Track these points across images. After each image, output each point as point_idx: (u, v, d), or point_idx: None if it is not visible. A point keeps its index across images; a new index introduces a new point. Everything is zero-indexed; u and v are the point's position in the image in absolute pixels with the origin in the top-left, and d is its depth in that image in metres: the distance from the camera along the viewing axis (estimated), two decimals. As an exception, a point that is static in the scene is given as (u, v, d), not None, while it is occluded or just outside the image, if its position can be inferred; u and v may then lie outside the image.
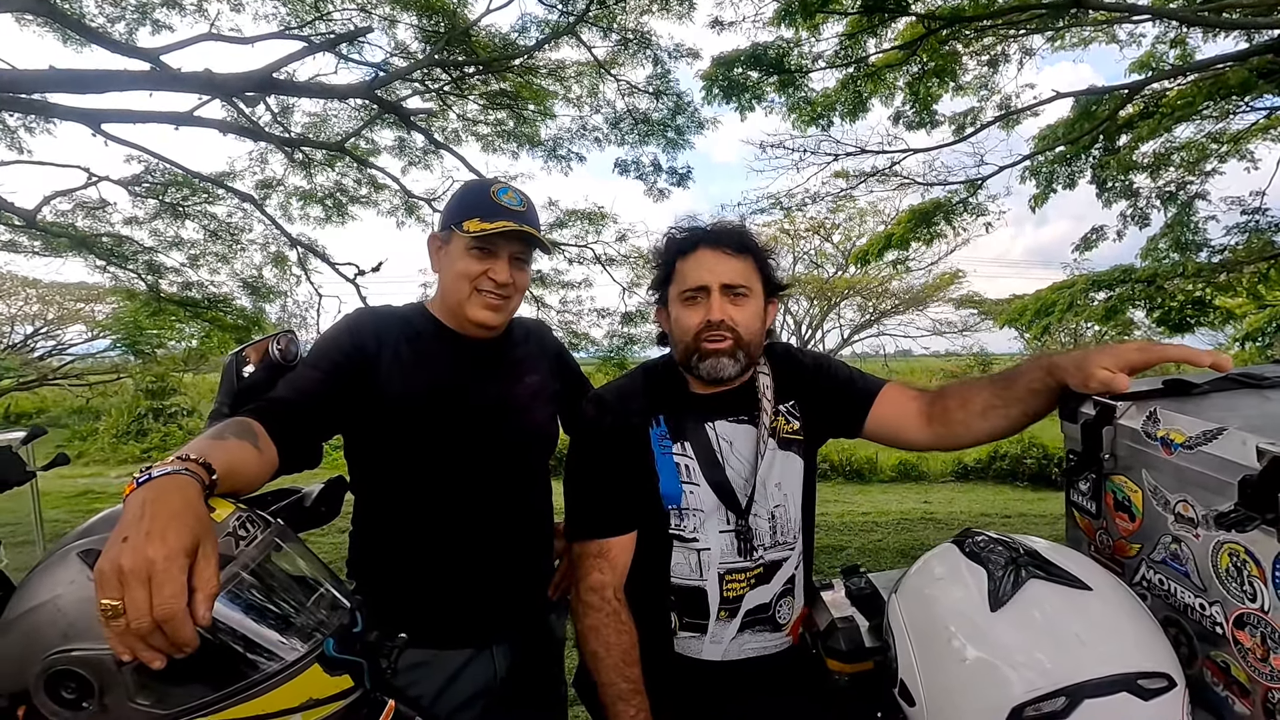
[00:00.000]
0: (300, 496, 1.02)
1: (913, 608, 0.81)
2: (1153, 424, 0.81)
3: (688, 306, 1.16)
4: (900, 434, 1.18)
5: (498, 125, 7.46)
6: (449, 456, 1.18)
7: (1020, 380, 1.02)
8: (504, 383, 1.27)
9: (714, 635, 1.15)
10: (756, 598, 1.15)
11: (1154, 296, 6.30)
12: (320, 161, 7.79)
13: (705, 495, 1.15)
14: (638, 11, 6.23)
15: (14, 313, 16.12)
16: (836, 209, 12.32)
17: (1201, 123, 6.81)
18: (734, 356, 1.13)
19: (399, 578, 1.19)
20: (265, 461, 0.93)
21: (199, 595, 0.62)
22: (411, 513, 1.19)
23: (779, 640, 1.19)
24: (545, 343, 1.43)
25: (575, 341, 8.72)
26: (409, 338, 1.21)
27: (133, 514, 0.65)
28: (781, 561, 1.17)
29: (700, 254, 1.16)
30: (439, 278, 1.26)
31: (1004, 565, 0.73)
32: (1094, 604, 0.70)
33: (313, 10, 6.03)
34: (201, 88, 4.26)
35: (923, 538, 5.61)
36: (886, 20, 5.52)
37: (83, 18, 5.63)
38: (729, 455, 1.17)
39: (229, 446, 0.86)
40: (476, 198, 1.21)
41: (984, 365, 16.15)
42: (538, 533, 1.32)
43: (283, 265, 8.58)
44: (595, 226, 8.38)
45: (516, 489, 1.26)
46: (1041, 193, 7.19)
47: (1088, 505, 0.92)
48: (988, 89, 6.75)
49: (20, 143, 6.69)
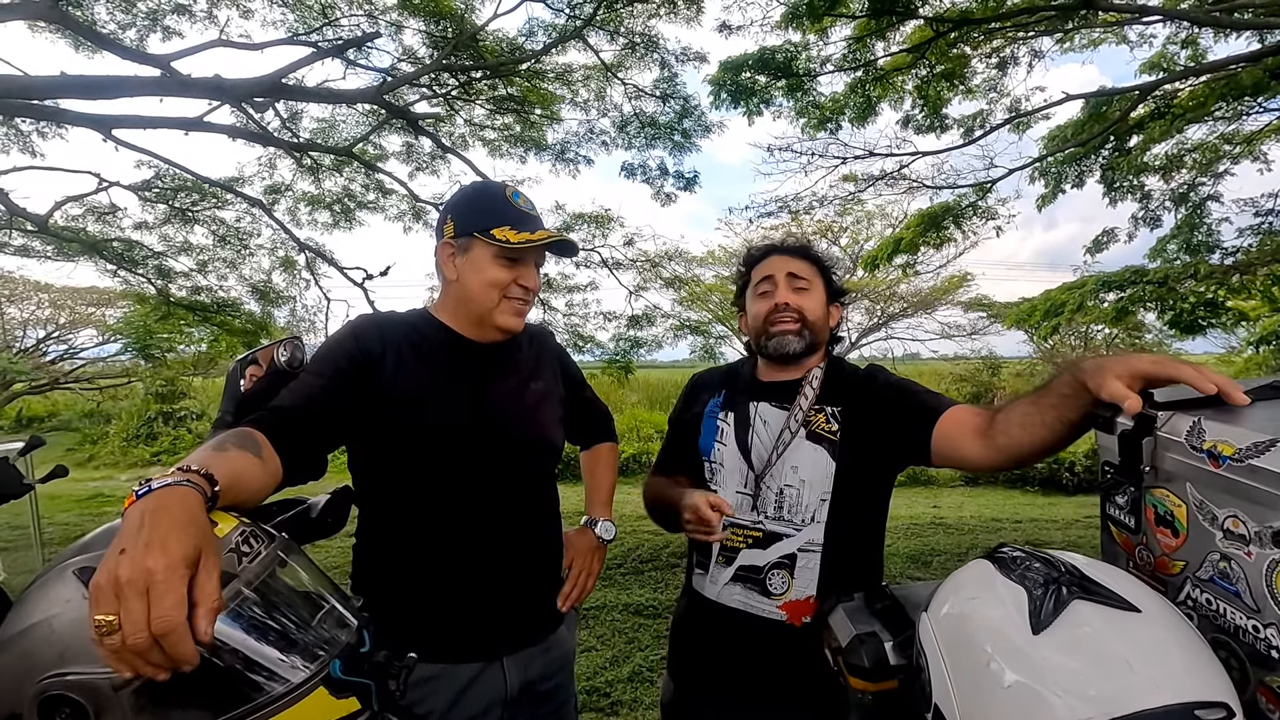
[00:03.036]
0: (306, 507, 0.99)
1: (947, 628, 0.76)
2: (1197, 436, 0.76)
3: (759, 298, 1.37)
4: (961, 452, 1.15)
5: (505, 129, 7.47)
6: (457, 466, 1.16)
7: (1052, 387, 0.99)
8: (511, 388, 1.25)
9: (712, 576, 1.32)
10: (750, 557, 1.28)
11: (1165, 298, 6.23)
12: (328, 166, 7.83)
13: (730, 455, 1.33)
14: (645, 15, 6.22)
15: (26, 317, 16.28)
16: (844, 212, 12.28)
17: (1214, 124, 6.75)
18: (800, 335, 1.31)
19: (405, 590, 1.16)
20: (269, 473, 0.91)
21: (200, 610, 0.59)
22: (418, 523, 1.16)
23: (767, 607, 1.26)
24: (548, 347, 1.42)
25: (581, 344, 8.73)
26: (415, 343, 1.19)
27: (131, 525, 0.62)
28: (782, 536, 1.26)
29: (770, 258, 1.39)
30: (454, 285, 1.22)
31: (1044, 584, 0.69)
32: (1143, 627, 0.65)
33: (320, 16, 6.06)
34: (211, 93, 4.27)
35: (933, 543, 5.55)
36: (894, 23, 5.48)
37: (94, 24, 5.68)
38: (759, 430, 1.33)
39: (231, 457, 0.84)
40: (496, 204, 1.19)
41: (993, 368, 15.99)
42: (547, 542, 1.30)
43: (291, 270, 8.62)
44: (602, 230, 8.39)
45: (525, 496, 1.24)
46: (1049, 192, 7.13)
47: (1126, 520, 0.87)
48: (997, 91, 6.70)
49: (33, 148, 6.76)
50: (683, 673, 1.40)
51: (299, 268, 8.45)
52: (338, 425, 1.09)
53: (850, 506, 1.26)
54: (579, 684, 2.94)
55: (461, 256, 1.20)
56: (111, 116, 4.62)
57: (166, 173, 7.09)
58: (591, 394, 1.54)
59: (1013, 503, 8.04)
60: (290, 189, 8.12)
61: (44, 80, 3.72)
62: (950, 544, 5.43)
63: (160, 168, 6.93)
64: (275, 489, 0.95)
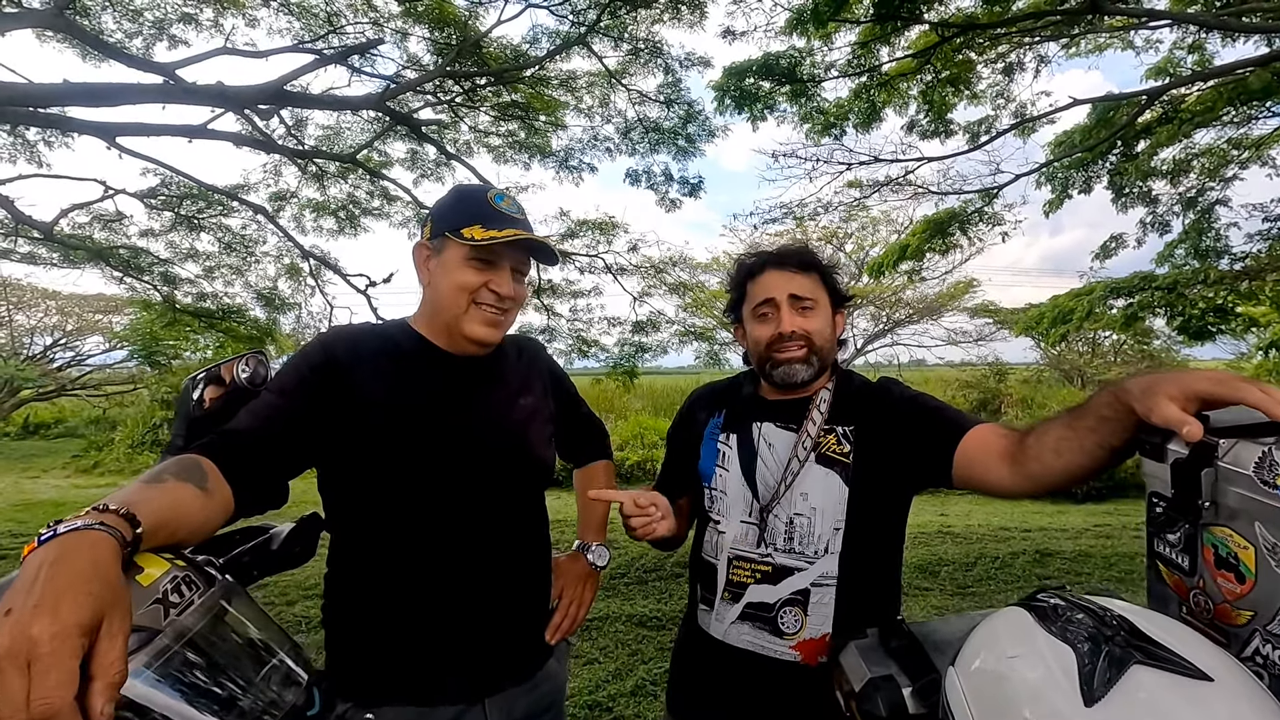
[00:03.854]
0: (268, 537, 0.92)
1: (979, 688, 0.66)
2: (1269, 468, 0.66)
3: (759, 322, 1.26)
4: (987, 478, 1.05)
5: (509, 136, 7.49)
6: (435, 487, 1.06)
7: (1091, 407, 0.89)
8: (496, 404, 1.16)
9: (718, 613, 1.21)
10: (760, 593, 1.18)
11: (1174, 304, 6.18)
12: (333, 174, 7.87)
13: (733, 482, 1.24)
14: (649, 21, 6.23)
15: (34, 324, 16.41)
16: (849, 218, 12.27)
17: (1222, 128, 6.71)
18: (807, 362, 1.21)
19: (378, 624, 1.06)
20: (215, 505, 0.81)
21: (97, 685, 0.50)
22: (391, 551, 1.05)
23: (779, 647, 1.15)
24: (539, 360, 1.32)
25: (585, 349, 8.72)
26: (390, 356, 1.09)
27: (24, 581, 0.53)
28: (794, 570, 1.16)
29: (768, 274, 1.27)
30: (427, 290, 1.14)
31: (1093, 641, 0.58)
32: (1217, 699, 0.55)
33: (326, 25, 6.10)
34: (214, 100, 4.28)
35: (940, 552, 5.48)
36: (899, 29, 5.47)
37: (101, 34, 5.72)
38: (764, 454, 1.23)
39: (165, 491, 0.75)
40: (473, 204, 1.10)
41: (999, 375, 15.90)
42: (534, 570, 1.19)
43: (296, 277, 8.66)
44: (606, 236, 8.39)
45: (511, 522, 1.14)
46: (1056, 198, 7.10)
47: (1179, 560, 0.76)
48: (1003, 97, 6.68)
49: (40, 157, 6.82)
50: (686, 715, 1.30)
51: (304, 274, 8.49)
52: (301, 448, 0.99)
53: (866, 534, 1.18)
54: (581, 698, 2.90)
55: (435, 259, 1.11)
56: (115, 124, 4.64)
57: (172, 180, 7.14)
58: (587, 410, 1.45)
59: (1021, 511, 7.95)
60: (296, 196, 8.16)
61: (46, 88, 3.73)
62: (959, 553, 5.36)
63: (166, 175, 6.98)
64: (227, 521, 0.86)
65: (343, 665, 1.07)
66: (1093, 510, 7.87)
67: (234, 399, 1.00)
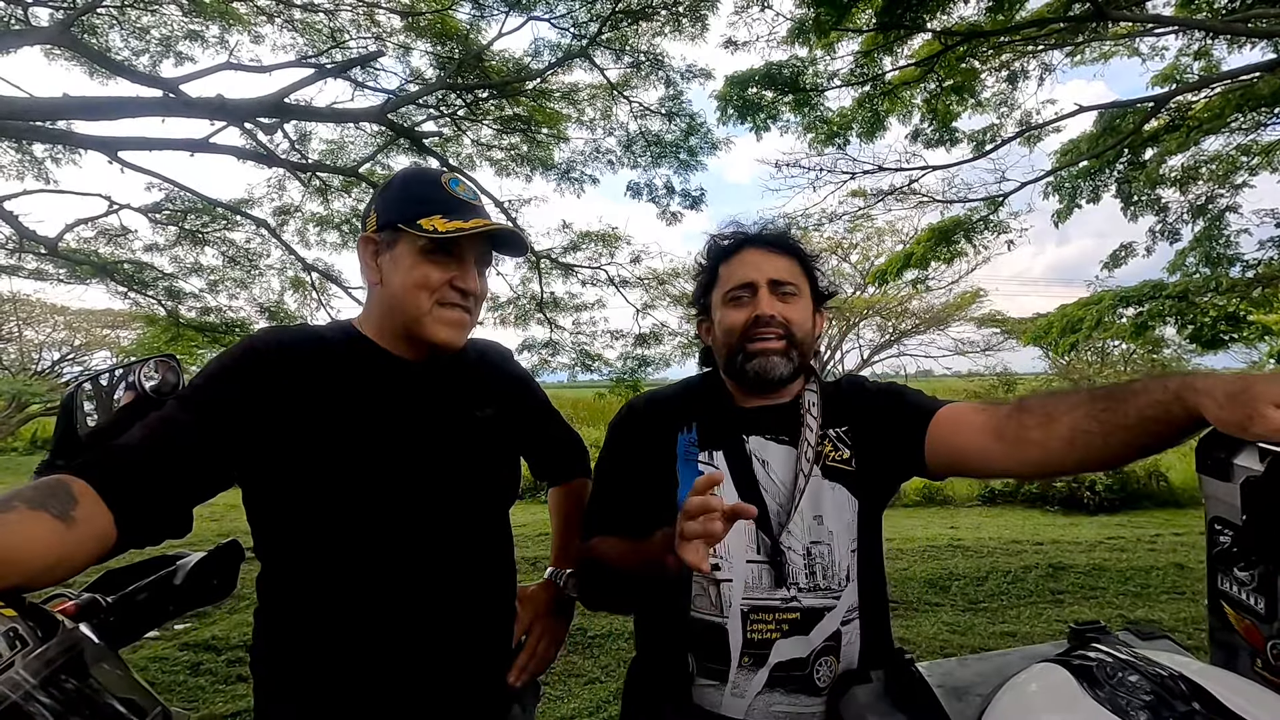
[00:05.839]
0: (172, 570, 0.81)
1: None
2: None
3: (732, 307, 1.07)
4: (965, 456, 0.94)
5: (512, 149, 7.51)
6: (382, 510, 0.91)
7: (1133, 401, 0.77)
8: (453, 416, 1.02)
9: (736, 687, 0.95)
10: (789, 649, 0.95)
11: (1185, 312, 6.09)
12: (337, 188, 7.90)
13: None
14: (650, 33, 6.25)
15: (43, 339, 16.52)
16: (854, 228, 12.22)
17: (1231, 135, 6.65)
18: (786, 356, 1.04)
19: (318, 668, 0.91)
20: (80, 537, 0.69)
21: None
22: (333, 584, 0.91)
23: (815, 708, 0.95)
24: (505, 367, 1.18)
25: (589, 362, 8.69)
26: (330, 361, 0.95)
27: None
28: (823, 611, 0.97)
29: (745, 254, 1.10)
30: (376, 289, 1.00)
31: (1154, 712, 0.49)
32: None
33: (329, 40, 6.14)
34: (212, 113, 4.29)
35: (951, 566, 5.36)
36: (902, 37, 5.46)
37: (108, 51, 5.78)
38: (762, 475, 1.03)
39: (7, 523, 0.64)
40: (428, 190, 0.97)
41: (1008, 385, 15.75)
42: (496, 603, 1.05)
43: (301, 290, 8.68)
44: (609, 248, 8.38)
45: (469, 549, 1.00)
46: (1065, 207, 7.04)
47: (1252, 601, 0.65)
48: (1007, 105, 6.65)
49: (47, 173, 6.88)
50: None
51: (307, 288, 8.50)
52: (208, 467, 0.83)
53: (874, 550, 1.05)
54: (581, 719, 2.81)
55: (386, 254, 0.97)
56: (117, 138, 4.66)
57: (176, 195, 7.18)
58: (561, 422, 1.29)
59: (1032, 523, 7.81)
60: (299, 210, 8.20)
61: (47, 102, 3.75)
62: (969, 567, 5.24)
63: (170, 190, 7.02)
64: (107, 554, 0.73)
65: (273, 717, 0.95)
66: (1105, 522, 7.72)
67: (134, 410, 0.85)
